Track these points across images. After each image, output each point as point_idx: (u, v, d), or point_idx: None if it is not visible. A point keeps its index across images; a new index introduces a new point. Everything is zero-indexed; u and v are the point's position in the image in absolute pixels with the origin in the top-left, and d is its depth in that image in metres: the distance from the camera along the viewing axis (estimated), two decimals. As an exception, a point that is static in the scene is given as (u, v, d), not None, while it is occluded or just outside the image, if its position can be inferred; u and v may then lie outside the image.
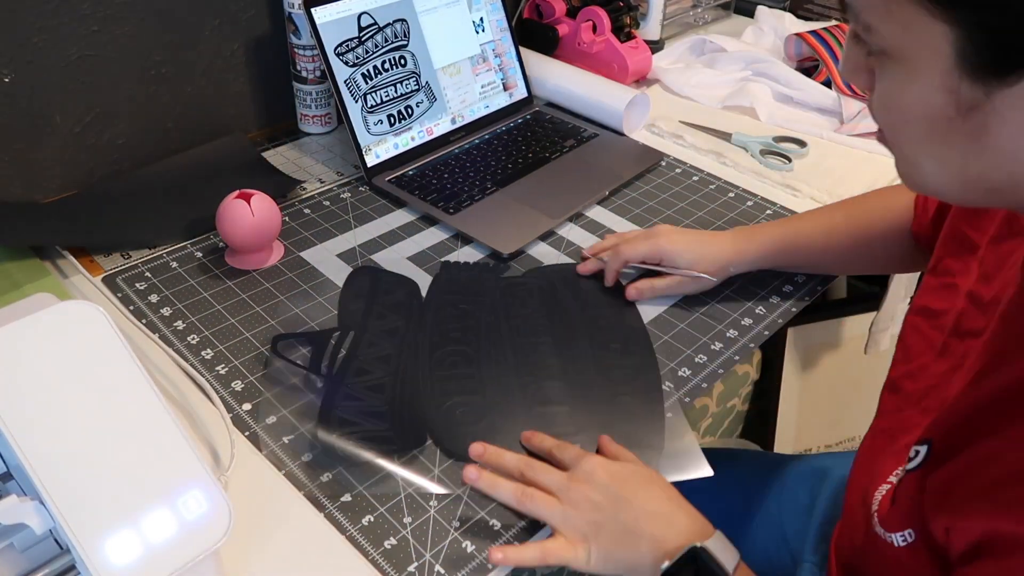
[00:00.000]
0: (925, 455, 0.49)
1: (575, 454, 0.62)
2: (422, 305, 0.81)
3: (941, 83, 0.41)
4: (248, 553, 0.58)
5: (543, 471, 0.61)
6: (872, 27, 0.43)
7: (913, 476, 0.49)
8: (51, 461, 0.46)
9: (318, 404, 0.69)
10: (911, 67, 0.42)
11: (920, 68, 0.41)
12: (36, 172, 0.92)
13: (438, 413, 0.69)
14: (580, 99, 1.17)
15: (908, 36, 0.41)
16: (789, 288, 0.86)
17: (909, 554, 0.50)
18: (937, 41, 0.40)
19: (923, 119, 0.43)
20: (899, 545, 0.50)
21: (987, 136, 0.41)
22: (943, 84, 0.41)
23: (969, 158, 0.43)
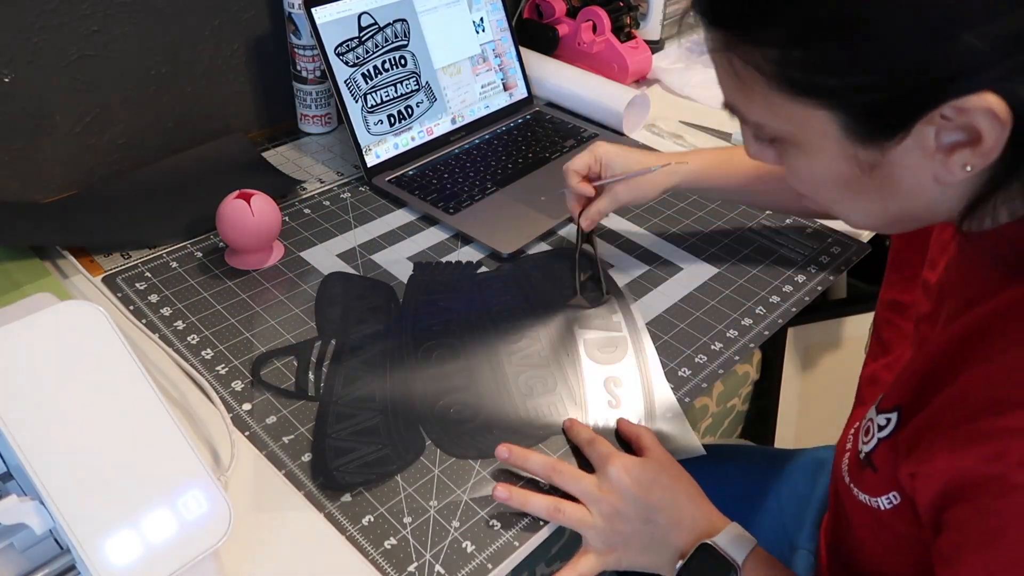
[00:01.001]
0: (896, 421, 0.50)
1: (602, 454, 0.62)
2: (400, 307, 0.81)
3: (839, 154, 0.44)
4: (248, 553, 0.58)
5: (571, 478, 0.61)
6: (761, 124, 0.47)
7: (888, 442, 0.51)
8: (51, 461, 0.46)
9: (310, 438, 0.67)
10: (808, 147, 0.46)
11: (816, 147, 0.45)
12: (36, 172, 0.92)
13: (433, 414, 0.69)
14: (580, 99, 1.17)
15: (795, 125, 0.45)
16: (789, 288, 0.86)
17: (895, 515, 0.51)
18: (822, 124, 0.43)
19: (834, 184, 0.47)
20: (885, 508, 0.51)
21: (895, 182, 0.44)
22: (841, 154, 0.44)
23: (887, 202, 0.46)
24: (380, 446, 0.66)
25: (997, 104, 0.38)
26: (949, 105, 0.39)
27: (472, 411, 0.70)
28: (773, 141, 0.49)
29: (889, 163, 0.43)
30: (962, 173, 0.42)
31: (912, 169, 0.43)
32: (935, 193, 0.44)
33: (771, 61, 0.42)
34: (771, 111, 0.45)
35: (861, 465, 0.53)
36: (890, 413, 0.51)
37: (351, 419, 0.68)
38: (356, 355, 0.74)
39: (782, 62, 0.42)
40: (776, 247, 0.92)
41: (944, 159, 0.42)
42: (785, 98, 0.43)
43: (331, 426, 0.67)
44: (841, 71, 0.41)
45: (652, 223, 0.96)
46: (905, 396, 0.50)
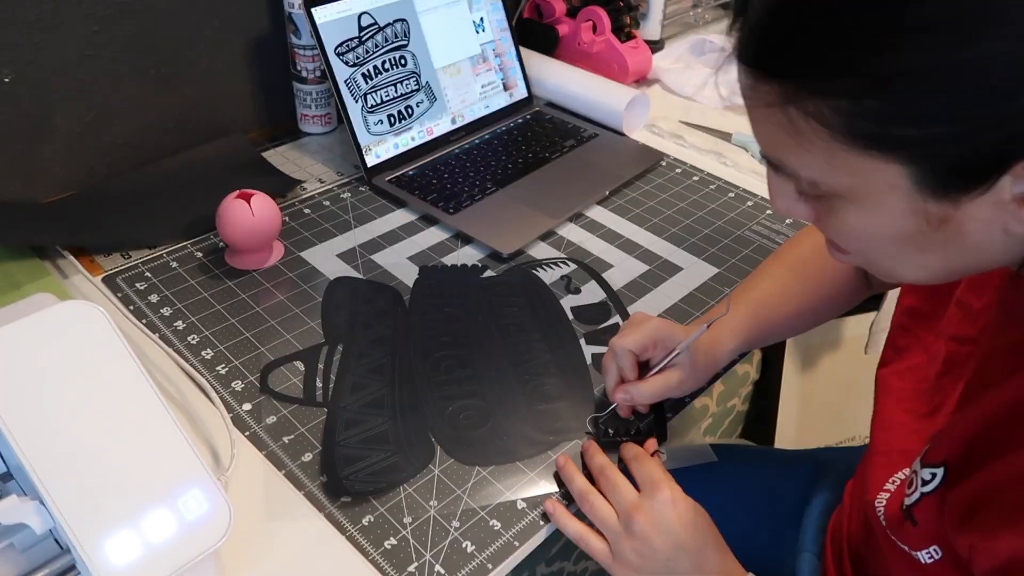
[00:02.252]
0: (942, 477, 0.49)
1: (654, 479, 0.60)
2: (407, 312, 0.80)
3: (906, 208, 0.41)
4: (248, 553, 0.58)
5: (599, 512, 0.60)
6: (816, 182, 0.43)
7: (932, 498, 0.49)
8: (51, 461, 0.46)
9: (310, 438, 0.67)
10: (869, 203, 0.42)
11: (879, 202, 0.41)
12: (36, 172, 0.92)
13: (442, 420, 0.69)
14: (580, 99, 1.17)
15: (858, 179, 0.41)
16: (789, 288, 0.86)
17: (937, 569, 0.50)
18: (892, 178, 0.40)
19: (893, 241, 0.43)
20: (926, 563, 0.50)
21: (963, 237, 0.41)
22: (909, 209, 0.41)
23: (951, 257, 0.43)
24: (390, 453, 0.66)
25: None
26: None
27: (482, 417, 0.70)
28: (821, 198, 0.44)
29: (961, 217, 0.40)
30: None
31: (984, 222, 0.40)
32: (1002, 245, 0.41)
33: (840, 112, 0.38)
34: (831, 166, 0.41)
35: (903, 516, 0.52)
36: (936, 468, 0.49)
37: (360, 426, 0.68)
38: (363, 361, 0.74)
39: (854, 113, 0.38)
40: (776, 247, 0.92)
41: (1017, 209, 0.39)
42: (851, 152, 0.40)
43: (340, 433, 0.67)
44: (923, 122, 0.37)
45: (652, 223, 0.96)
46: (953, 452, 0.48)
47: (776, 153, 0.44)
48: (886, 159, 0.39)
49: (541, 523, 0.62)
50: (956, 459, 0.48)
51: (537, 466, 0.66)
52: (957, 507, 0.47)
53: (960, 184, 0.39)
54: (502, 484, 0.64)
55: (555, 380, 0.73)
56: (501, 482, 0.64)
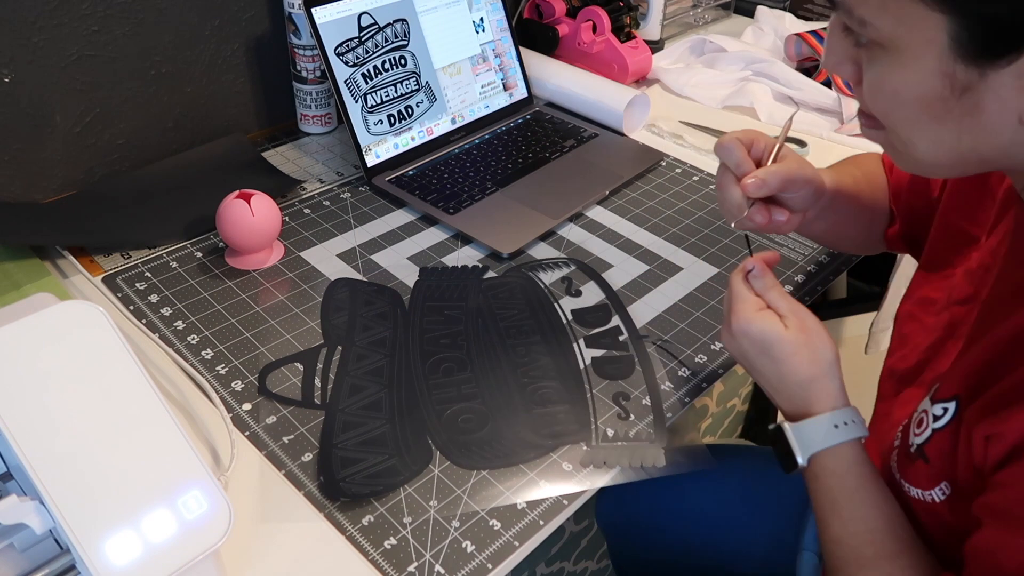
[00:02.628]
0: (954, 411, 0.49)
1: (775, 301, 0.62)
2: (406, 313, 0.80)
3: (936, 68, 0.43)
4: (248, 553, 0.58)
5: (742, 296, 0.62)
6: (866, 21, 0.44)
7: (944, 432, 0.50)
8: (51, 461, 0.46)
9: (310, 438, 0.67)
10: (906, 55, 0.44)
11: (915, 56, 0.43)
12: (36, 172, 0.92)
13: (440, 423, 0.69)
14: (580, 99, 1.17)
15: (903, 27, 0.43)
16: (789, 288, 0.86)
17: (947, 507, 0.50)
18: (932, 31, 0.42)
19: (918, 102, 0.45)
20: (938, 500, 0.51)
21: (981, 113, 0.43)
22: (938, 69, 0.43)
23: (963, 135, 0.45)
24: (387, 456, 0.66)
25: None
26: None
27: (480, 421, 0.69)
28: (866, 46, 0.46)
29: (983, 89, 0.42)
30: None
31: (1003, 101, 0.42)
32: (1011, 134, 0.43)
33: None
34: (883, 5, 0.43)
35: (911, 458, 0.53)
36: (947, 403, 0.50)
37: (358, 428, 0.68)
38: (362, 363, 0.74)
39: None
40: (776, 247, 0.92)
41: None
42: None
43: (337, 435, 0.67)
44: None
45: (652, 223, 0.96)
46: (964, 385, 0.49)
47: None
48: (934, 8, 0.41)
49: (541, 523, 0.62)
50: (967, 390, 0.49)
51: (537, 467, 0.66)
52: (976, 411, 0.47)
53: (992, 49, 0.41)
54: (502, 484, 0.64)
55: (554, 383, 0.73)
56: (501, 482, 0.64)
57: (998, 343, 0.48)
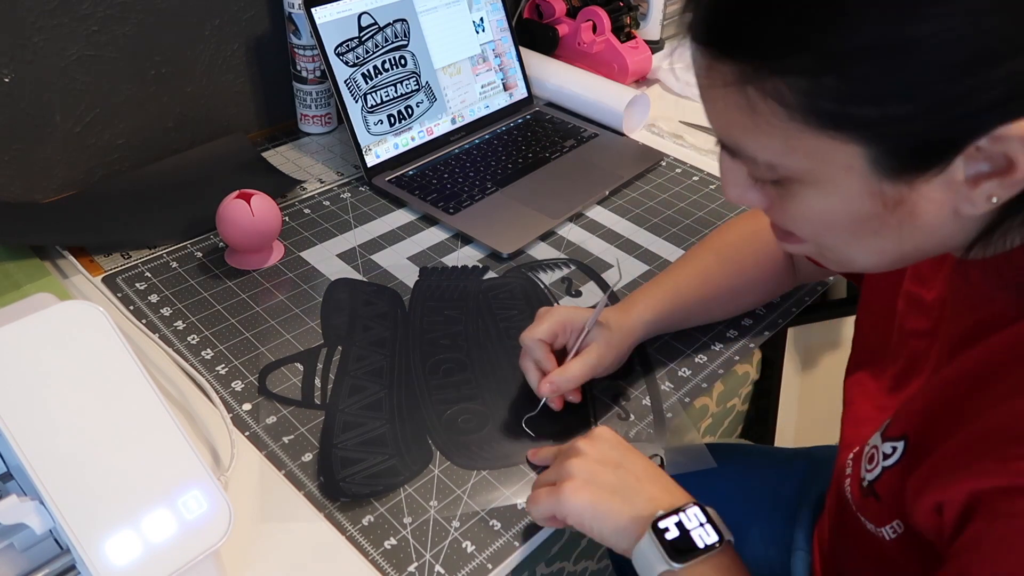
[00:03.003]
0: (902, 451, 0.49)
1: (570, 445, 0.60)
2: (407, 314, 0.80)
3: (862, 190, 0.41)
4: (248, 553, 0.58)
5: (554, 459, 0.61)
6: (774, 164, 0.42)
7: (893, 471, 0.50)
8: (51, 461, 0.46)
9: (310, 438, 0.67)
10: (825, 185, 0.41)
11: (836, 184, 0.41)
12: (36, 172, 0.92)
13: (440, 423, 0.69)
14: (580, 99, 1.17)
15: (816, 162, 0.41)
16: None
17: (898, 546, 0.50)
18: (849, 159, 0.39)
19: (849, 224, 0.43)
20: (889, 538, 0.50)
21: (919, 218, 0.41)
22: (865, 190, 0.41)
23: (904, 240, 0.43)
24: (387, 456, 0.66)
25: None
26: (991, 134, 0.36)
27: (480, 421, 0.69)
28: (776, 182, 0.44)
29: (916, 198, 0.40)
30: (986, 205, 0.39)
31: (937, 203, 0.40)
32: (952, 227, 0.42)
33: (799, 91, 0.38)
34: (788, 147, 0.41)
35: (864, 493, 0.52)
36: (896, 442, 0.50)
37: (358, 428, 0.68)
38: (362, 364, 0.74)
39: (813, 92, 0.38)
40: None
41: (968, 192, 0.39)
42: (809, 132, 0.39)
43: (337, 435, 0.67)
44: (882, 100, 0.37)
45: (652, 223, 0.96)
46: (912, 425, 0.49)
47: (733, 136, 0.43)
48: (844, 139, 0.39)
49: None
50: (915, 431, 0.49)
51: (538, 467, 0.66)
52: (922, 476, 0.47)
53: (916, 165, 0.39)
54: (502, 485, 0.64)
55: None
56: (501, 483, 0.64)
57: (945, 384, 0.47)
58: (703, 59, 0.42)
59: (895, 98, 0.37)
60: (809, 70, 0.37)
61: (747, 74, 0.39)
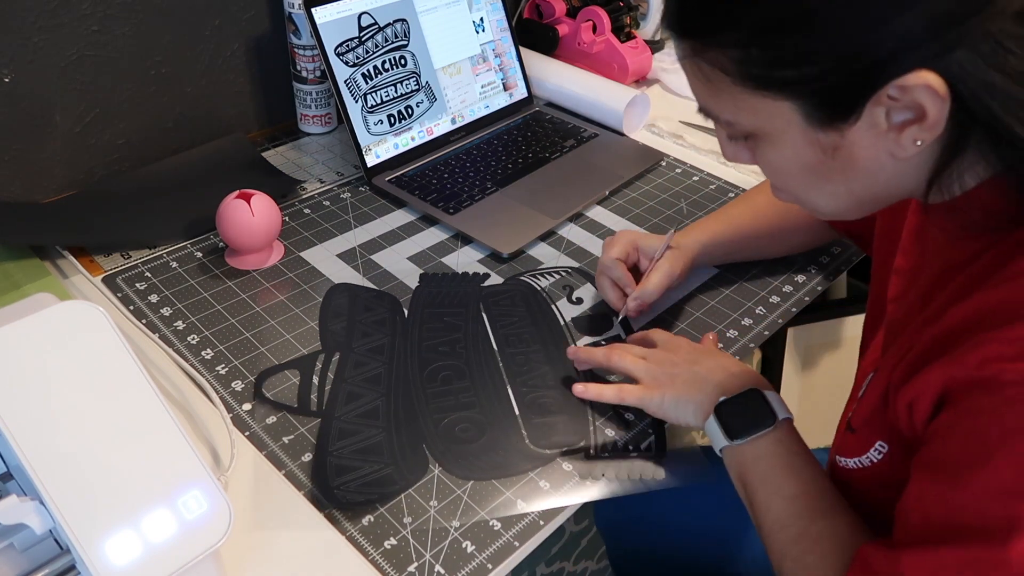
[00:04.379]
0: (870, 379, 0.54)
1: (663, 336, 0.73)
2: (406, 320, 0.80)
3: (803, 140, 0.48)
4: (248, 553, 0.58)
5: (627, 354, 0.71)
6: (731, 121, 0.51)
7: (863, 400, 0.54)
8: (51, 461, 0.46)
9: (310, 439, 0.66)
10: (776, 138, 0.50)
11: (783, 136, 0.49)
12: (36, 172, 0.92)
13: (437, 431, 0.68)
14: (580, 99, 1.17)
15: (762, 118, 0.49)
16: (789, 288, 0.86)
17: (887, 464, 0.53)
18: (787, 113, 0.47)
19: (801, 170, 0.51)
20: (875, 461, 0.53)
21: (857, 162, 0.48)
22: (805, 140, 0.48)
23: (852, 183, 0.50)
24: (382, 465, 0.65)
25: (934, 80, 0.42)
26: (893, 85, 0.43)
27: (477, 430, 0.69)
28: (747, 139, 0.52)
29: (848, 144, 0.47)
30: (914, 148, 0.45)
31: (869, 148, 0.47)
32: (895, 169, 0.48)
33: (734, 61, 0.46)
34: (738, 108, 0.49)
35: (844, 437, 0.56)
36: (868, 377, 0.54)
37: (354, 436, 0.67)
38: (359, 370, 0.73)
39: (744, 61, 0.46)
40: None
41: (896, 136, 0.45)
42: (750, 94, 0.47)
43: (333, 443, 0.66)
44: (796, 64, 0.45)
45: (652, 223, 0.96)
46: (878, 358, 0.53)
47: (701, 100, 0.52)
48: (776, 98, 0.47)
49: (541, 523, 0.62)
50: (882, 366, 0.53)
51: (538, 467, 0.66)
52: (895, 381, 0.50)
53: (837, 114, 0.46)
54: (503, 485, 0.64)
55: (553, 393, 0.73)
56: (502, 483, 0.64)
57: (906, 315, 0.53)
58: (674, 40, 0.51)
59: (805, 61, 0.44)
60: (739, 43, 0.46)
61: (697, 49, 0.49)
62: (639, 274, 0.81)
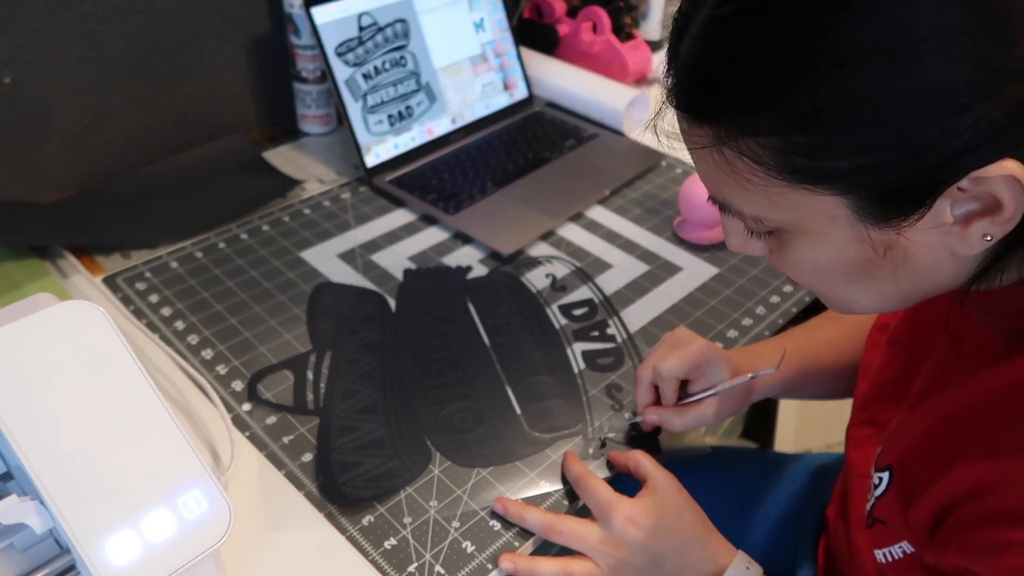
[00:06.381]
0: (888, 481, 0.50)
1: (600, 502, 0.59)
2: (394, 316, 0.80)
3: (851, 238, 0.41)
4: (248, 553, 0.58)
5: (574, 537, 0.59)
6: (761, 218, 0.43)
7: (886, 499, 0.51)
8: (51, 461, 0.46)
9: (310, 439, 0.67)
10: (814, 234, 0.42)
11: (825, 232, 0.42)
12: (36, 172, 0.92)
13: (436, 422, 0.69)
14: (580, 99, 1.17)
15: (800, 213, 0.41)
16: (789, 288, 0.86)
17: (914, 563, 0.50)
18: (832, 209, 0.40)
19: (844, 270, 0.44)
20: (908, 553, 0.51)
21: (911, 260, 0.42)
22: (852, 238, 0.41)
23: (902, 282, 0.43)
24: (386, 458, 0.65)
25: (1017, 169, 0.36)
26: (968, 177, 0.37)
27: (476, 419, 0.69)
28: (770, 233, 0.46)
29: (906, 243, 0.40)
30: (981, 244, 0.39)
31: (929, 245, 0.40)
32: (951, 267, 0.42)
33: (771, 150, 0.39)
34: (772, 202, 0.42)
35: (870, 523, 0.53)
36: (882, 472, 0.51)
37: (354, 432, 0.68)
38: (353, 367, 0.74)
39: (784, 150, 0.39)
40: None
41: (961, 232, 0.39)
42: (788, 186, 0.40)
43: (334, 440, 0.67)
44: (851, 153, 0.38)
45: (652, 223, 0.96)
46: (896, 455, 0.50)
47: (720, 193, 0.44)
48: (822, 191, 0.39)
49: (541, 523, 0.62)
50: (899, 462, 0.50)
51: (537, 466, 0.66)
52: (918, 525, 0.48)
53: (898, 210, 0.39)
54: (502, 484, 0.64)
55: (546, 378, 0.74)
56: (501, 483, 0.64)
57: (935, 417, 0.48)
58: (683, 123, 0.43)
59: (863, 150, 0.37)
60: (777, 129, 0.38)
61: (721, 136, 0.41)
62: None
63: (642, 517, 0.58)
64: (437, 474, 0.65)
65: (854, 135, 0.37)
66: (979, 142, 0.36)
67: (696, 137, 0.42)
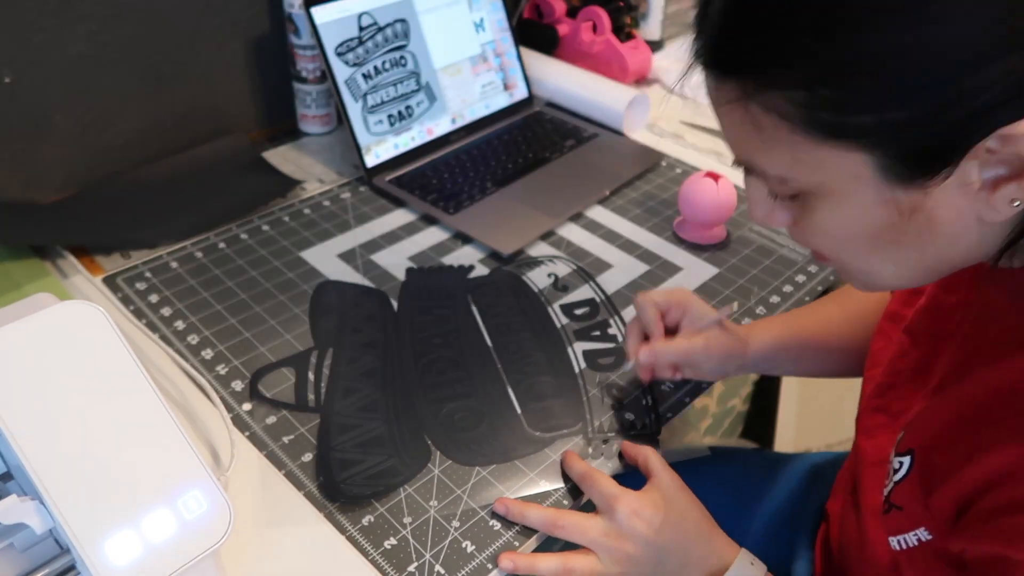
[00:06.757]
0: (909, 466, 0.49)
1: (605, 495, 0.59)
2: (396, 315, 0.80)
3: (875, 198, 0.41)
4: (248, 553, 0.58)
5: (577, 531, 0.59)
6: (785, 178, 0.43)
7: (905, 484, 0.50)
8: (51, 461, 0.46)
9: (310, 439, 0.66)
10: (838, 196, 0.42)
11: (848, 194, 0.41)
12: (36, 172, 0.92)
13: (436, 421, 0.69)
14: (580, 99, 1.17)
15: (825, 173, 0.41)
16: (789, 288, 0.86)
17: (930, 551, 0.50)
18: (856, 168, 0.40)
19: (867, 235, 0.43)
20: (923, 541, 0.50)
21: (936, 225, 0.41)
22: (877, 199, 0.41)
23: (925, 249, 0.43)
24: (386, 456, 0.66)
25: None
26: (996, 134, 0.36)
27: (476, 417, 0.70)
28: (794, 197, 0.45)
29: (932, 205, 0.40)
30: (1009, 210, 0.38)
31: (955, 209, 0.40)
32: (976, 235, 0.41)
33: (797, 104, 0.39)
34: (797, 160, 0.41)
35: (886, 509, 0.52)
36: (903, 457, 0.50)
37: (354, 430, 0.68)
38: (354, 365, 0.74)
39: (810, 104, 0.38)
40: (776, 247, 0.93)
41: (988, 196, 0.38)
42: (814, 143, 0.40)
43: (334, 438, 0.67)
44: (878, 107, 0.37)
45: (652, 223, 0.96)
46: (918, 440, 0.49)
47: (744, 153, 0.44)
48: (847, 148, 0.39)
49: (541, 523, 0.62)
50: (921, 447, 0.49)
51: (537, 466, 0.66)
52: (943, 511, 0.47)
53: (925, 169, 0.38)
54: (502, 484, 0.64)
55: (547, 378, 0.74)
56: (501, 482, 0.64)
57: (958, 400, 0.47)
58: (711, 80, 0.43)
59: (891, 104, 0.37)
60: (804, 83, 0.38)
61: (748, 90, 0.40)
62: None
63: (647, 510, 0.58)
64: (437, 473, 0.65)
65: (880, 89, 0.37)
66: (1007, 97, 0.35)
67: (723, 94, 0.42)
